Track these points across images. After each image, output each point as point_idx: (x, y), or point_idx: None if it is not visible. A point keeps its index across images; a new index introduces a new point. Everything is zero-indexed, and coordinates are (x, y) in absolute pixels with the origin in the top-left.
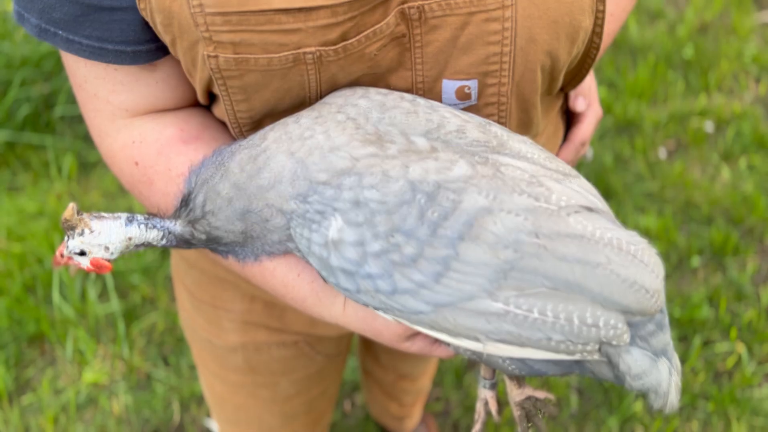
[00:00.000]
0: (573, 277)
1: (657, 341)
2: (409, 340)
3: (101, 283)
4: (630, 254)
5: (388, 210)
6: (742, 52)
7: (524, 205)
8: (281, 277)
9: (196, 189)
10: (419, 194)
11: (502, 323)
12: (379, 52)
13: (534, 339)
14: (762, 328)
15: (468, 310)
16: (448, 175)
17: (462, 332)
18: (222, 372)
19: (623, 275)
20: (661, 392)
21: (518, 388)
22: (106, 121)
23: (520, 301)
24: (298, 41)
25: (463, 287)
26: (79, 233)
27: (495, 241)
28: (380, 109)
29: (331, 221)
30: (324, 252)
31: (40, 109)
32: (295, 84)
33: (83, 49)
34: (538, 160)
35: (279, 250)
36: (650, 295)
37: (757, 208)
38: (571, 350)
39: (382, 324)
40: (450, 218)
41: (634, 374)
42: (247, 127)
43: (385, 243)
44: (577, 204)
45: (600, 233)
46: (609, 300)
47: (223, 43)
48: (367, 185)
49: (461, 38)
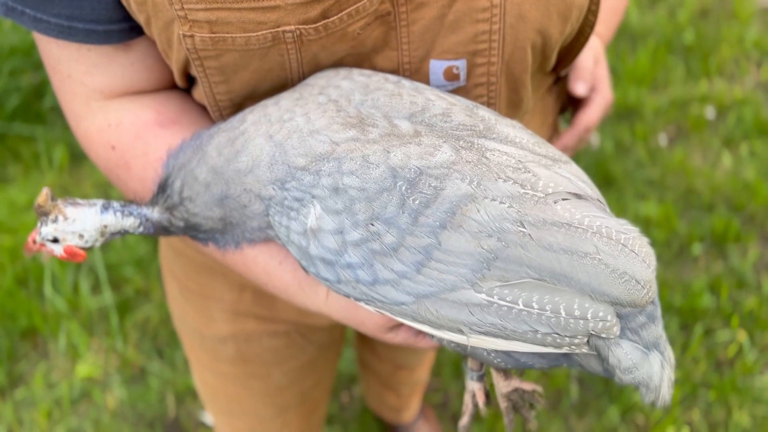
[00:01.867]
0: (560, 267)
1: (648, 334)
2: (392, 331)
3: (94, 275)
4: (620, 243)
5: (367, 197)
6: (743, 37)
7: (509, 192)
8: (263, 265)
9: (173, 174)
10: (400, 181)
11: (486, 315)
12: (362, 31)
13: (519, 331)
14: (763, 316)
15: (450, 301)
16: (430, 160)
17: (445, 324)
18: (213, 363)
19: (612, 265)
20: (653, 386)
21: (505, 380)
22: (81, 104)
23: (505, 292)
24: (276, 19)
25: (445, 277)
26: (52, 220)
27: (478, 229)
28: (363, 91)
29: (310, 209)
30: (303, 241)
31: (30, 100)
32: (275, 64)
33: (51, 28)
34: (527, 145)
35: (260, 237)
36: (641, 286)
37: (759, 194)
38: (558, 343)
39: (365, 314)
40: (432, 206)
41: (624, 368)
42: (227, 111)
43: (365, 231)
44: (565, 191)
45: (588, 221)
46: (597, 291)
47: (199, 21)
48: (347, 171)
49: (449, 16)
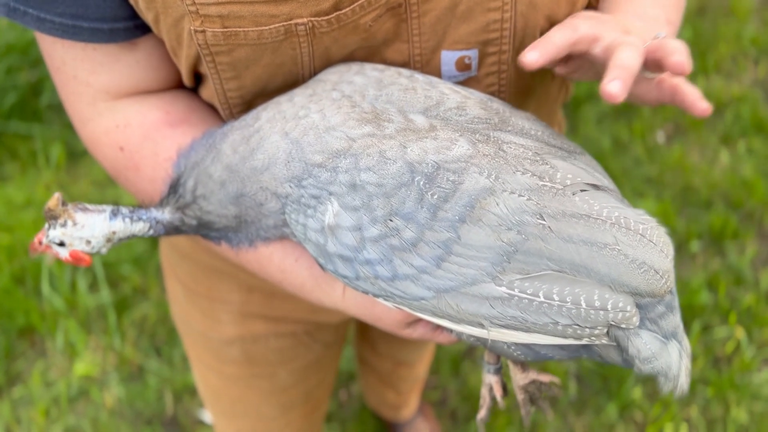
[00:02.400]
0: (579, 258)
1: (667, 323)
2: (410, 326)
3: (91, 273)
4: (638, 234)
5: (385, 193)
6: (740, 34)
7: (528, 184)
8: (278, 263)
9: (185, 173)
10: (418, 176)
11: (507, 308)
12: (374, 22)
13: (540, 324)
14: (761, 313)
15: (471, 295)
16: (447, 154)
17: (465, 318)
18: (218, 365)
19: (631, 256)
20: (671, 375)
21: (522, 372)
22: (87, 105)
23: (525, 285)
24: (289, 12)
25: (465, 271)
26: (61, 224)
27: (498, 223)
28: (377, 86)
29: (327, 206)
30: (321, 238)
31: (27, 98)
32: (287, 58)
33: (56, 27)
34: (542, 137)
35: (275, 235)
36: (659, 276)
37: (757, 191)
38: (578, 334)
39: (382, 310)
40: (450, 200)
41: (644, 358)
42: (237, 108)
43: (384, 227)
44: (583, 182)
45: (607, 212)
46: (617, 282)
47: (211, 16)
48: (364, 167)
49: (460, 6)
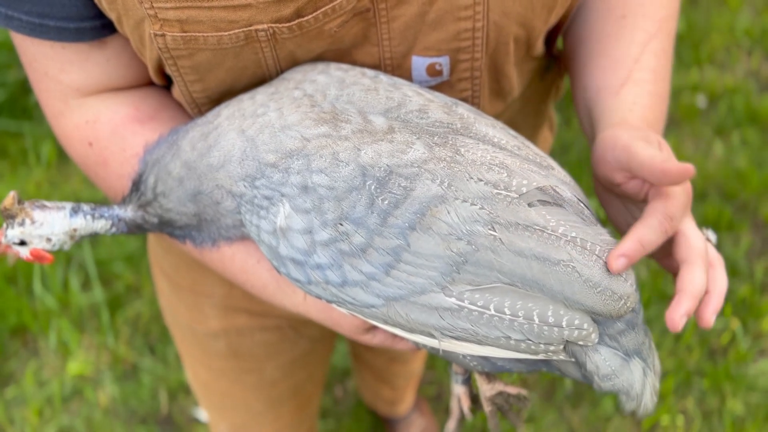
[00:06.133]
0: (531, 273)
1: (628, 341)
2: (369, 332)
3: (84, 272)
4: (594, 255)
5: (336, 196)
6: (733, 25)
7: (481, 192)
8: (240, 264)
9: (147, 170)
10: (370, 180)
11: (457, 320)
12: (340, 28)
13: (492, 337)
14: (756, 304)
15: (420, 305)
16: (402, 158)
17: (416, 328)
18: (205, 358)
19: (586, 275)
20: (634, 394)
21: (488, 383)
22: (58, 101)
23: (476, 297)
24: (248, 18)
25: (414, 280)
26: (19, 223)
27: (448, 231)
28: (339, 86)
29: (279, 207)
30: (273, 240)
31: (17, 95)
32: (250, 62)
33: (23, 25)
34: (506, 145)
35: (235, 234)
36: (618, 298)
37: (751, 182)
38: (533, 350)
39: (340, 315)
40: (401, 206)
41: (603, 375)
42: (205, 107)
43: (334, 231)
44: (538, 186)
45: (563, 229)
46: (570, 300)
47: (170, 20)
48: (316, 169)
49: (430, 14)
